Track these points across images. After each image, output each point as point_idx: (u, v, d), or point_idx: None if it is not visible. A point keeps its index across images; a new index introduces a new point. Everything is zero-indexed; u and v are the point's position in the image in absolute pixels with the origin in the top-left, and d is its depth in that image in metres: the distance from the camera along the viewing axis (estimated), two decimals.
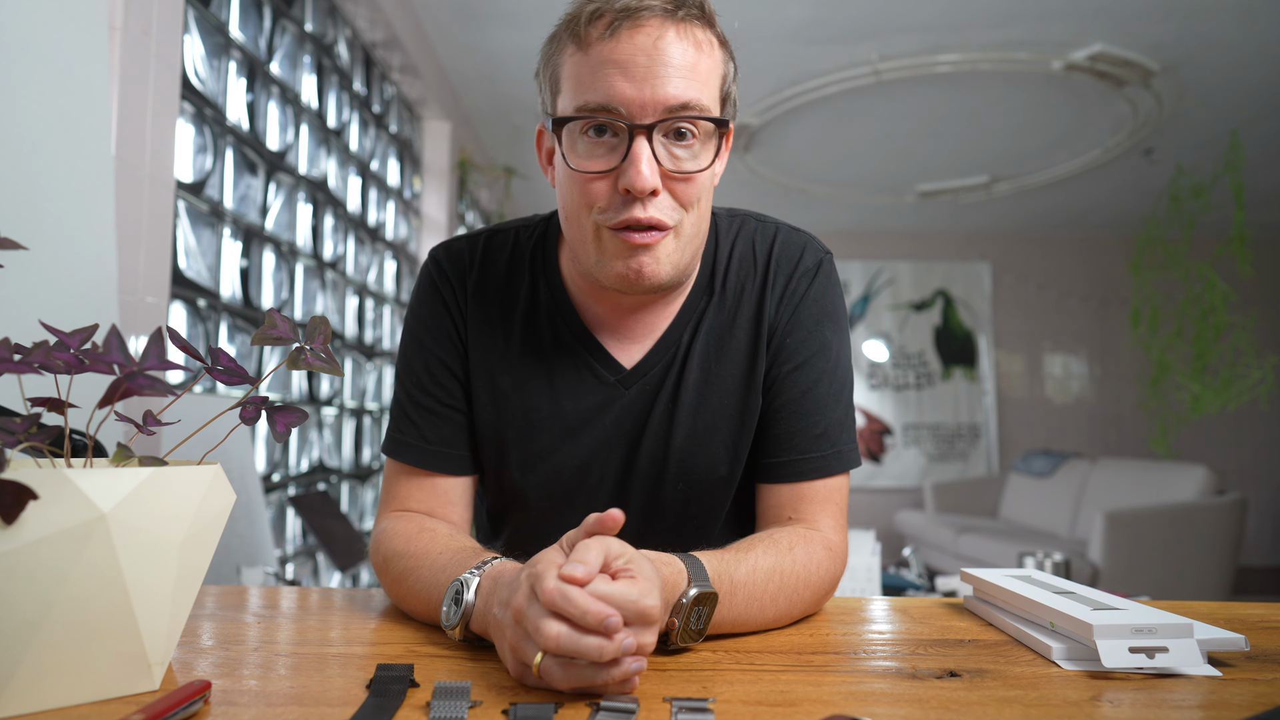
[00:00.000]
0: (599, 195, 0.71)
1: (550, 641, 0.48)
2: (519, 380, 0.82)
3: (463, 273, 0.84)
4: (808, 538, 0.74)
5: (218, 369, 0.55)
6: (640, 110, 0.67)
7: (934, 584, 2.99)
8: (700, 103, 0.69)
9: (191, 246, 1.84)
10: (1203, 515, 3.84)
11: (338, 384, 2.70)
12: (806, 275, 0.82)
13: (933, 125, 4.03)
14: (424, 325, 0.84)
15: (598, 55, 0.68)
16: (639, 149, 0.67)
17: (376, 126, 3.07)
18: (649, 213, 0.69)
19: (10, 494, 0.43)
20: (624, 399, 0.82)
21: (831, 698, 0.51)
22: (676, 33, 0.68)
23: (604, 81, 0.68)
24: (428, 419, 0.82)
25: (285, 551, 2.32)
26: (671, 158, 0.70)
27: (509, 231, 0.87)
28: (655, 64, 0.67)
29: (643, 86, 0.67)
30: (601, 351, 0.82)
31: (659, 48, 0.67)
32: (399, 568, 0.72)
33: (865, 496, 5.99)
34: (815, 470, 0.80)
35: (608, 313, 0.82)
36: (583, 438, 0.82)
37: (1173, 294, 4.92)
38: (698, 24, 0.70)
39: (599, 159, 0.70)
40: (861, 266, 6.14)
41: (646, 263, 0.71)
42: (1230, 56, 3.26)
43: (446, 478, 0.83)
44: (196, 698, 0.47)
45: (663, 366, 0.82)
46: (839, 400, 0.82)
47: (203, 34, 1.88)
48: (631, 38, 0.67)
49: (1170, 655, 0.56)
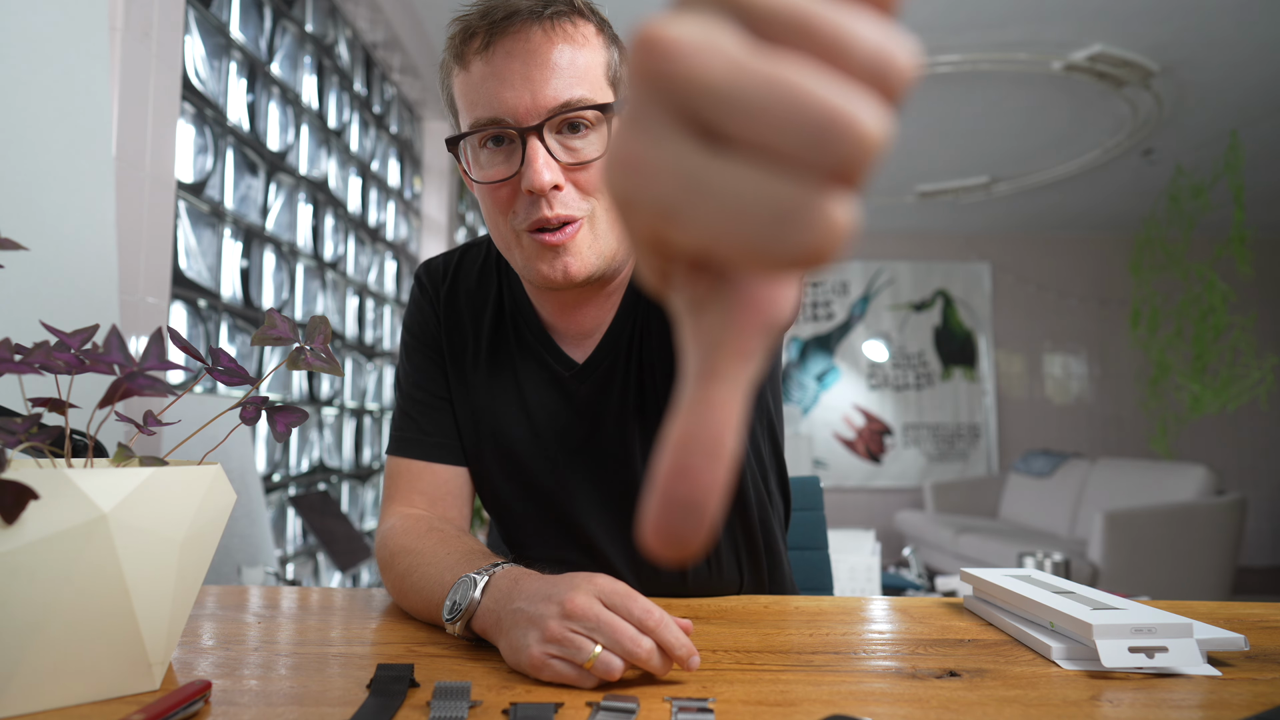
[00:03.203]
0: (507, 201, 0.73)
1: (647, 654, 0.53)
2: (487, 378, 0.87)
3: (437, 283, 0.91)
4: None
5: (218, 369, 0.55)
6: (526, 115, 0.70)
7: (934, 584, 2.99)
8: (582, 96, 0.71)
9: (192, 247, 1.84)
10: (1202, 515, 3.84)
11: (338, 384, 2.70)
12: None
13: (933, 125, 4.03)
14: (412, 332, 0.91)
15: (478, 71, 0.71)
16: (533, 150, 0.70)
17: (377, 127, 3.07)
18: (555, 210, 0.71)
19: (11, 494, 0.43)
20: (580, 393, 0.84)
21: (831, 698, 0.51)
22: (545, 32, 0.70)
23: (487, 95, 0.70)
24: (425, 413, 0.87)
25: (285, 551, 2.32)
26: (567, 150, 0.72)
27: (481, 244, 0.93)
28: (530, 68, 0.70)
29: (522, 93, 0.69)
30: (556, 349, 0.86)
31: (530, 51, 0.70)
32: (405, 563, 0.73)
33: (865, 496, 5.99)
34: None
35: (556, 311, 0.85)
36: (548, 434, 0.85)
37: (1172, 294, 4.92)
38: (566, 20, 0.72)
39: (499, 166, 0.73)
40: (861, 266, 6.14)
41: (570, 262, 0.73)
42: (1230, 56, 3.26)
43: (447, 468, 0.86)
44: (197, 698, 0.47)
45: (611, 360, 0.84)
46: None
47: (203, 34, 1.89)
48: (505, 47, 0.70)
49: (1170, 655, 0.56)
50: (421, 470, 0.85)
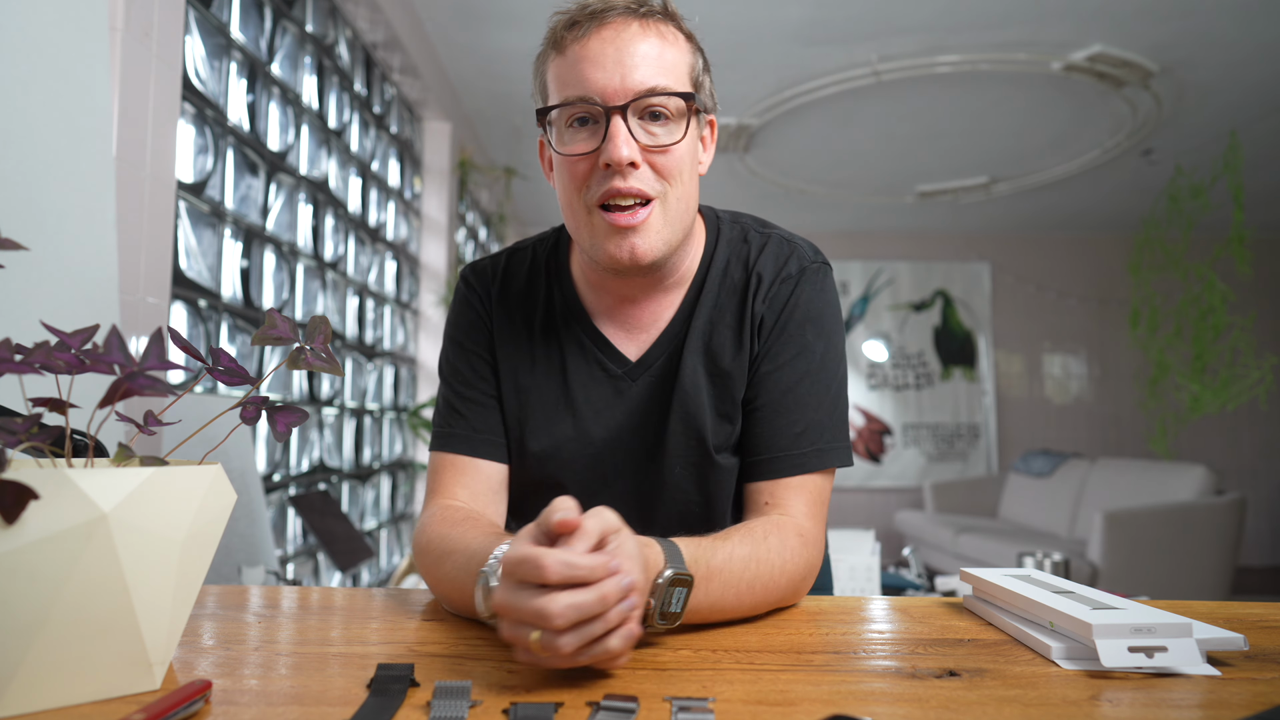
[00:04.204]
0: (584, 176, 0.78)
1: (558, 615, 0.49)
2: (539, 378, 0.88)
3: (487, 285, 0.92)
4: (781, 525, 0.77)
5: (218, 369, 0.55)
6: (613, 95, 0.75)
7: (934, 584, 2.99)
8: (667, 85, 0.76)
9: (192, 247, 1.84)
10: (1202, 515, 3.84)
11: (338, 384, 2.71)
12: (788, 281, 0.86)
13: (933, 125, 4.03)
14: (462, 330, 0.92)
15: (573, 55, 0.77)
16: (615, 127, 0.75)
17: (377, 127, 3.07)
18: (629, 183, 0.76)
19: (11, 494, 0.43)
20: (631, 390, 0.87)
21: (831, 697, 0.51)
22: (640, 27, 0.77)
23: (579, 76, 0.76)
24: (475, 410, 0.88)
25: (285, 551, 2.32)
26: (647, 134, 0.77)
27: (527, 247, 0.95)
28: (623, 54, 0.75)
29: (613, 75, 0.75)
30: (609, 346, 0.88)
31: (625, 39, 0.76)
32: (440, 549, 0.73)
33: (865, 496, 6.00)
34: (794, 467, 0.82)
35: (613, 305, 0.87)
36: (596, 429, 0.87)
37: (1172, 294, 4.92)
38: (660, 20, 0.78)
39: (581, 143, 0.78)
40: (861, 267, 6.14)
41: (638, 243, 0.78)
42: (1229, 56, 3.26)
43: (493, 464, 0.87)
44: (197, 697, 0.47)
45: (664, 359, 0.86)
46: (822, 401, 0.84)
47: (204, 35, 1.89)
48: (600, 35, 0.76)
49: (1169, 655, 0.56)
50: (467, 465, 0.86)
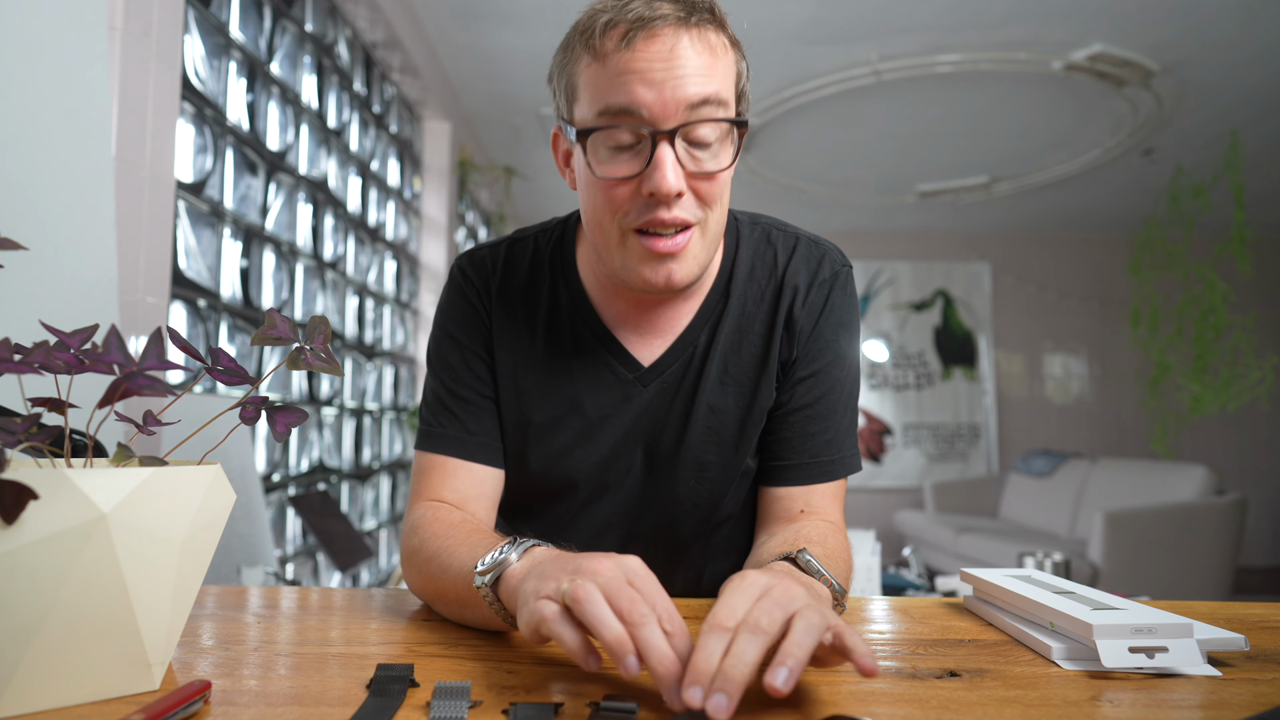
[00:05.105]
0: (623, 200, 0.72)
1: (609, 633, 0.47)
2: (541, 378, 0.84)
3: (486, 277, 0.86)
4: (835, 528, 0.80)
5: (218, 369, 0.55)
6: (662, 113, 0.68)
7: (934, 584, 2.99)
8: (719, 97, 0.70)
9: (192, 246, 1.84)
10: (1202, 515, 3.84)
11: (338, 384, 2.70)
12: (823, 287, 0.84)
13: (933, 125, 4.03)
14: (457, 324, 0.86)
15: (615, 65, 0.69)
16: (663, 154, 0.68)
17: (376, 127, 3.07)
18: (674, 213, 0.71)
19: (10, 494, 0.43)
20: (642, 396, 0.83)
21: (831, 698, 0.51)
22: (690, 38, 0.69)
23: (624, 89, 0.68)
24: (468, 411, 0.84)
25: (285, 551, 2.32)
26: (693, 159, 0.71)
27: (528, 238, 0.89)
28: (673, 68, 0.68)
29: (662, 90, 0.68)
30: (620, 349, 0.84)
31: (675, 53, 0.68)
32: (434, 547, 0.71)
33: (865, 496, 5.99)
34: (824, 474, 0.83)
35: (628, 310, 0.83)
36: (602, 434, 0.83)
37: (1172, 294, 4.92)
38: (710, 28, 0.71)
39: (623, 165, 0.71)
40: (861, 266, 6.14)
41: (675, 269, 0.73)
42: (1230, 56, 3.26)
43: (485, 468, 0.83)
44: (196, 698, 0.47)
45: (680, 365, 0.83)
46: (847, 408, 0.85)
47: (203, 34, 1.89)
48: (647, 46, 0.68)
49: (1170, 655, 0.56)
50: (457, 468, 0.82)
